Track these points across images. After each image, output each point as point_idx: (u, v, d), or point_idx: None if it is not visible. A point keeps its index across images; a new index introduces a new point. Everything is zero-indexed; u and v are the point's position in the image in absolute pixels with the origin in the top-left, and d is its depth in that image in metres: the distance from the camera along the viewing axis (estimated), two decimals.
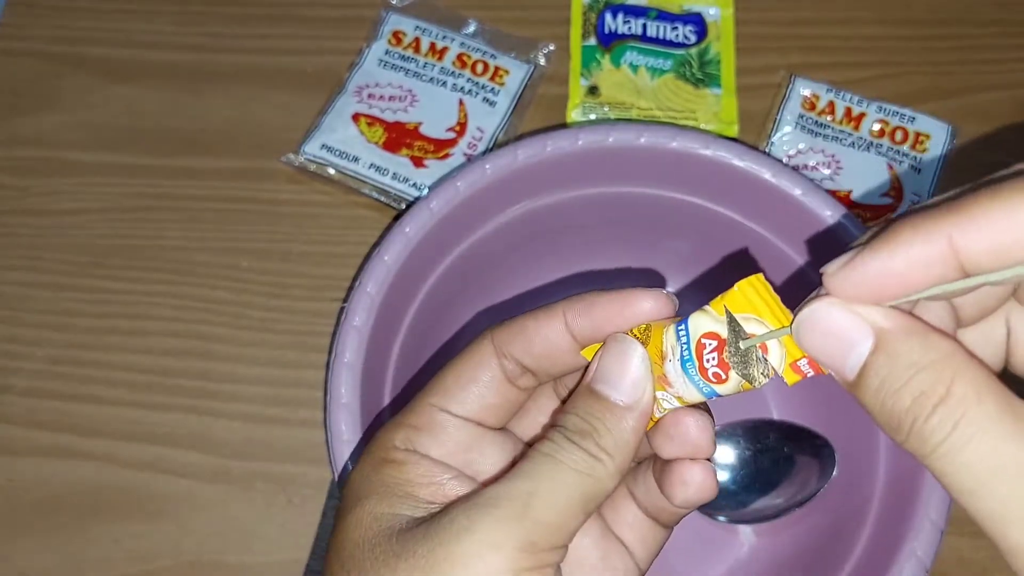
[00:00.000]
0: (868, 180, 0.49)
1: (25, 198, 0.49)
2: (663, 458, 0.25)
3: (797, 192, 0.37)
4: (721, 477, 0.40)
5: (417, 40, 0.52)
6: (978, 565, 0.42)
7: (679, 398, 0.24)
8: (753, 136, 0.50)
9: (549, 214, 0.40)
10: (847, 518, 0.36)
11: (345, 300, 0.46)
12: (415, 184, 0.48)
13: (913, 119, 0.50)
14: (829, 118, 0.50)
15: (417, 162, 0.49)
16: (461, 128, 0.49)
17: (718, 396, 0.23)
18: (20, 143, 0.50)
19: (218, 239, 0.48)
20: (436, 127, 0.49)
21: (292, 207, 0.49)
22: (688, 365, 0.23)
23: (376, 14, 0.53)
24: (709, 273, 0.42)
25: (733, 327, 0.22)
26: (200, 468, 0.44)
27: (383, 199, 0.48)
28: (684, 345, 0.23)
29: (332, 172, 0.49)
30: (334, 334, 0.42)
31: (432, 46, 0.51)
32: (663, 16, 0.52)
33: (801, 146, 0.50)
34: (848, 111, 0.50)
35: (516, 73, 0.51)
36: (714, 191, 0.39)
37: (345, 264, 0.47)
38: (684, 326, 0.23)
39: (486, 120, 0.50)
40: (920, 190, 0.48)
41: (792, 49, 0.53)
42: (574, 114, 0.51)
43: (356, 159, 0.48)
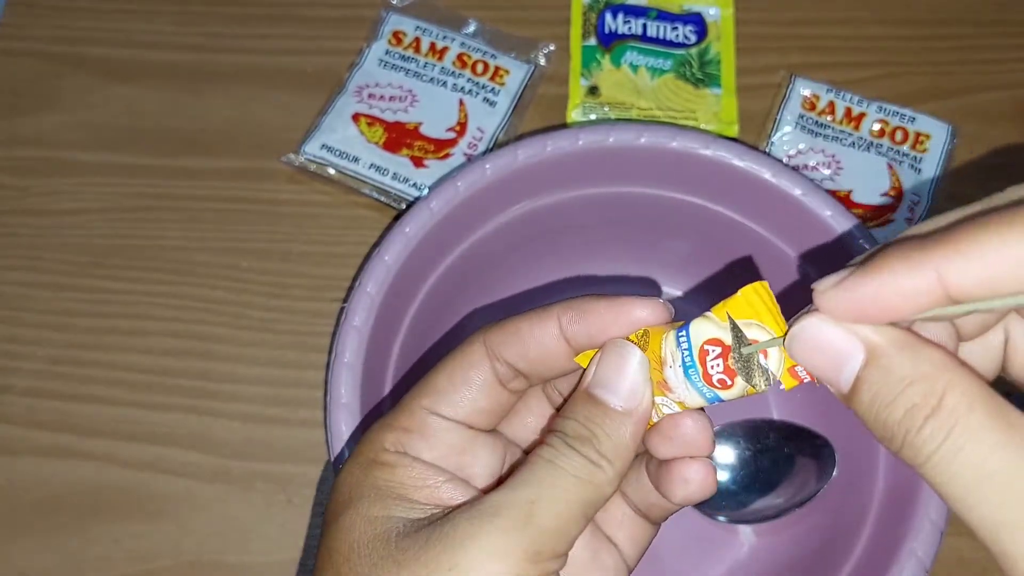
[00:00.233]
0: (868, 180, 0.49)
1: (25, 198, 0.49)
2: (661, 458, 0.25)
3: (797, 192, 0.37)
4: (721, 477, 0.40)
5: (417, 40, 0.52)
6: (978, 565, 0.42)
7: (680, 403, 0.24)
8: (753, 136, 0.50)
9: (549, 214, 0.40)
10: (847, 518, 0.36)
11: (345, 300, 0.46)
12: (415, 184, 0.48)
13: (913, 119, 0.50)
14: (829, 118, 0.50)
15: (417, 162, 0.49)
16: (461, 128, 0.49)
17: (721, 401, 0.23)
18: (20, 143, 0.50)
19: (218, 239, 0.48)
20: (436, 127, 0.49)
21: (292, 207, 0.49)
22: (691, 371, 0.23)
23: (376, 14, 0.53)
24: (712, 276, 0.42)
25: (736, 333, 0.22)
26: (200, 468, 0.44)
27: (383, 199, 0.48)
28: (686, 351, 0.23)
29: (332, 172, 0.49)
30: (334, 334, 0.42)
31: (432, 46, 0.51)
32: (663, 16, 0.52)
33: (801, 146, 0.50)
34: (848, 111, 0.50)
35: (516, 73, 0.51)
36: (714, 191, 0.39)
37: (345, 264, 0.47)
38: (685, 332, 0.23)
39: (486, 120, 0.50)
40: (920, 190, 0.48)
41: (792, 49, 0.53)
42: (574, 114, 0.51)
43: (356, 159, 0.48)
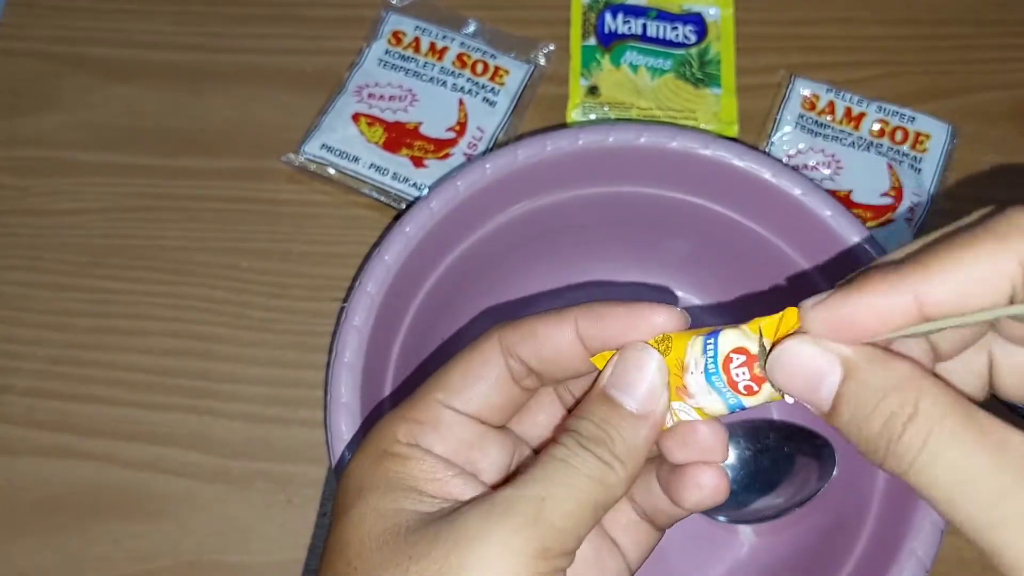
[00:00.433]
0: (868, 180, 0.49)
1: (25, 198, 0.49)
2: (674, 463, 0.25)
3: (797, 192, 0.37)
4: None
5: (417, 40, 0.52)
6: (978, 565, 0.41)
7: (699, 409, 0.24)
8: (753, 136, 0.50)
9: (549, 214, 0.40)
10: (847, 518, 0.36)
11: (345, 300, 0.46)
12: (415, 184, 0.48)
13: (913, 119, 0.50)
14: (829, 118, 0.50)
15: (417, 162, 0.49)
16: (461, 128, 0.49)
17: (743, 408, 0.23)
18: (20, 143, 0.50)
19: (218, 239, 0.48)
20: (436, 127, 0.49)
21: (292, 207, 0.49)
22: (714, 378, 0.23)
23: (376, 14, 0.53)
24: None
25: (762, 344, 0.23)
26: (200, 468, 0.44)
27: (383, 199, 0.48)
28: (711, 359, 0.23)
29: (332, 172, 0.49)
30: (334, 334, 0.42)
31: (432, 46, 0.51)
32: (663, 16, 0.52)
33: (801, 146, 0.50)
34: (848, 111, 0.50)
35: (516, 73, 0.51)
36: (714, 191, 0.39)
37: (345, 264, 0.47)
38: (714, 340, 0.23)
39: (486, 120, 0.50)
40: (920, 190, 0.48)
41: (792, 49, 0.53)
42: (574, 114, 0.51)
43: (356, 159, 0.48)
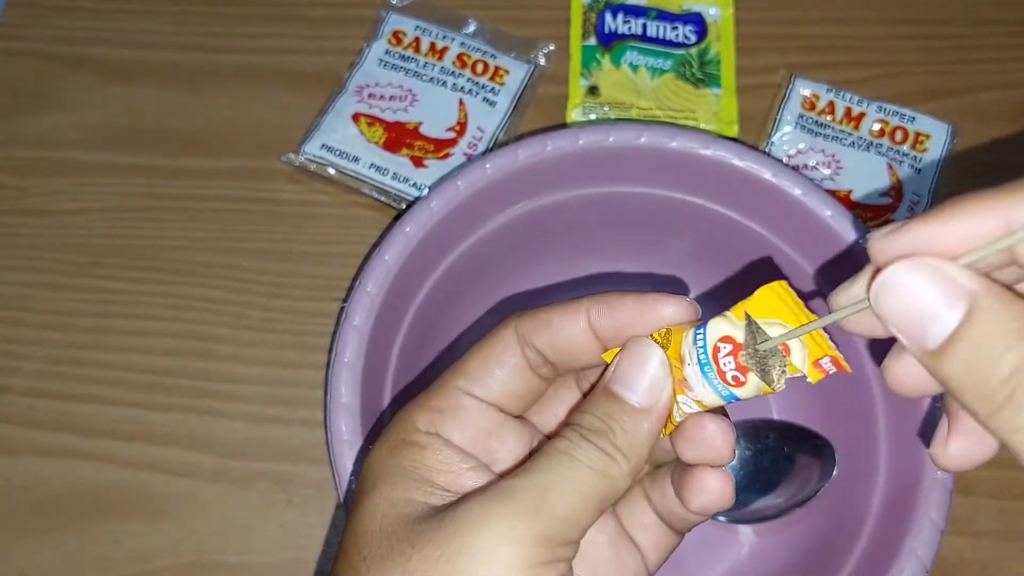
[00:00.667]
0: (868, 180, 0.49)
1: (25, 198, 0.49)
2: (684, 461, 0.25)
3: (797, 192, 0.37)
4: None
5: (417, 40, 0.52)
6: (978, 565, 0.41)
7: (698, 402, 0.24)
8: (753, 136, 0.50)
9: (549, 214, 0.40)
10: (847, 518, 0.36)
11: (345, 300, 0.46)
12: (415, 184, 0.48)
13: (913, 119, 0.50)
14: (829, 118, 0.50)
15: (417, 162, 0.49)
16: (461, 128, 0.49)
17: (737, 400, 0.24)
18: (20, 143, 0.50)
19: (218, 239, 0.48)
20: (436, 127, 0.49)
21: (292, 207, 0.49)
22: (706, 368, 0.23)
23: (376, 14, 0.53)
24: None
25: (752, 330, 0.23)
26: (200, 468, 0.44)
27: (383, 199, 0.48)
28: (701, 349, 0.23)
29: (332, 172, 0.49)
30: (334, 334, 0.42)
31: (432, 46, 0.51)
32: (663, 16, 0.52)
33: (801, 146, 0.50)
34: (848, 111, 0.50)
35: (516, 73, 0.51)
36: (714, 191, 0.39)
37: (345, 264, 0.47)
38: (702, 330, 0.24)
39: (486, 120, 0.50)
40: (920, 190, 0.48)
41: (792, 49, 0.53)
42: (574, 114, 0.51)
43: (356, 159, 0.48)
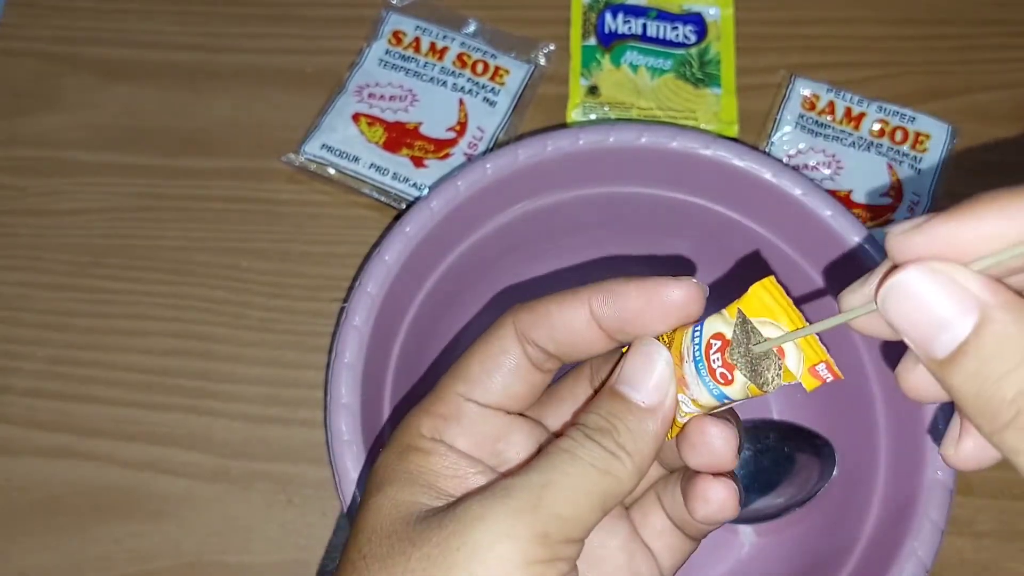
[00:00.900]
0: (868, 180, 0.49)
1: (25, 198, 0.49)
2: (689, 466, 0.25)
3: (797, 192, 0.37)
4: None
5: (417, 40, 0.52)
6: (978, 565, 0.41)
7: (695, 401, 0.24)
8: (753, 136, 0.50)
9: (549, 214, 0.40)
10: (847, 518, 0.36)
11: (345, 300, 0.46)
12: (415, 184, 0.48)
13: (913, 119, 0.50)
14: (829, 118, 0.50)
15: (417, 162, 0.48)
16: (461, 128, 0.49)
17: (729, 400, 0.23)
18: (20, 143, 0.50)
19: (218, 239, 0.48)
20: (436, 127, 0.49)
21: (292, 207, 0.49)
22: (700, 366, 0.23)
23: (376, 14, 0.53)
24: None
25: (745, 329, 0.22)
26: (200, 468, 0.44)
27: (383, 199, 0.48)
28: (696, 346, 0.23)
29: (332, 172, 0.49)
30: (334, 334, 0.42)
31: (432, 46, 0.51)
32: (663, 16, 0.52)
33: (801, 146, 0.50)
34: (848, 111, 0.50)
35: (516, 73, 0.51)
36: (714, 191, 0.39)
37: (345, 264, 0.47)
38: (700, 328, 0.23)
39: (486, 120, 0.50)
40: (920, 190, 0.48)
41: (792, 49, 0.53)
42: (574, 114, 0.51)
43: (356, 159, 0.48)
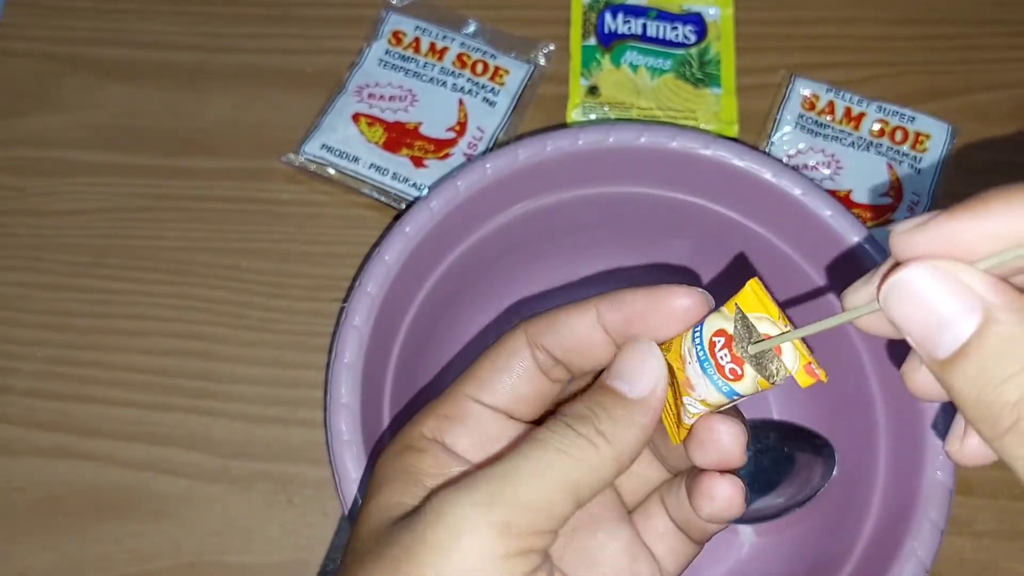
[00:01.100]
0: (868, 180, 0.49)
1: (25, 198, 0.49)
2: (696, 465, 0.25)
3: (797, 192, 0.37)
4: None
5: (417, 40, 0.52)
6: (978, 565, 0.41)
7: (703, 401, 0.24)
8: (753, 136, 0.50)
9: (549, 214, 0.40)
10: (847, 518, 0.36)
11: (345, 300, 0.46)
12: (415, 184, 0.48)
13: (913, 119, 0.50)
14: (829, 118, 0.50)
15: (417, 162, 0.48)
16: (461, 128, 0.49)
17: (738, 396, 0.23)
18: (20, 143, 0.50)
19: (218, 239, 0.48)
20: (436, 127, 0.49)
21: (292, 207, 0.49)
22: (706, 365, 0.23)
23: (376, 14, 0.53)
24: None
25: (744, 323, 0.22)
26: (200, 468, 0.44)
27: (383, 199, 0.48)
28: (699, 346, 0.23)
29: (332, 172, 0.49)
30: (334, 334, 0.42)
31: (432, 46, 0.51)
32: (663, 16, 0.52)
33: (801, 146, 0.50)
34: (848, 111, 0.50)
35: (516, 73, 0.51)
36: (714, 191, 0.39)
37: (345, 264, 0.47)
38: (699, 328, 0.23)
39: (486, 120, 0.50)
40: (920, 190, 0.48)
41: (792, 49, 0.53)
42: (574, 114, 0.51)
43: (356, 159, 0.48)
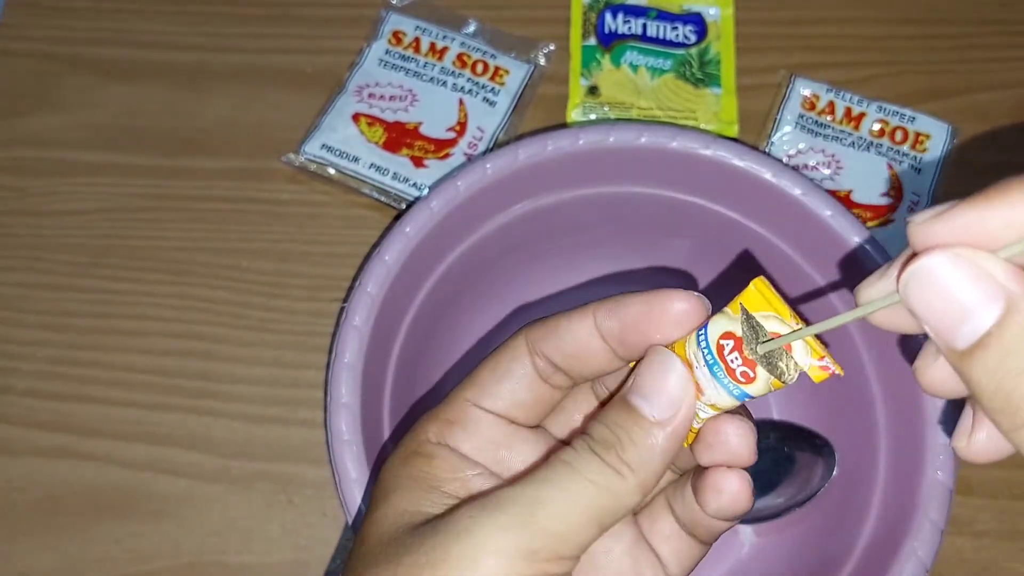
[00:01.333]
0: (868, 180, 0.49)
1: (25, 198, 0.49)
2: (702, 465, 0.25)
3: (797, 192, 0.37)
4: None
5: (417, 40, 0.52)
6: (978, 565, 0.42)
7: (712, 405, 0.23)
8: (753, 136, 0.50)
9: (549, 214, 0.40)
10: (847, 518, 0.36)
11: (345, 300, 0.46)
12: (415, 184, 0.48)
13: (913, 119, 0.50)
14: (829, 118, 0.50)
15: (417, 162, 0.48)
16: (461, 128, 0.49)
17: (750, 398, 0.23)
18: (20, 143, 0.50)
19: (218, 239, 0.48)
20: (436, 127, 0.49)
21: (292, 207, 0.49)
22: (715, 369, 0.23)
23: (376, 14, 0.53)
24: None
25: (751, 324, 0.22)
26: (200, 468, 0.44)
27: (383, 199, 0.48)
28: (706, 350, 0.23)
29: (332, 172, 0.49)
30: (334, 334, 0.42)
31: (432, 46, 0.51)
32: (663, 16, 0.52)
33: (801, 146, 0.50)
34: (848, 111, 0.50)
35: (516, 73, 0.51)
36: (714, 191, 0.39)
37: (345, 264, 0.47)
38: (704, 331, 0.23)
39: (486, 120, 0.50)
40: (920, 190, 0.48)
41: (792, 49, 0.53)
42: (574, 114, 0.51)
43: (356, 159, 0.48)
